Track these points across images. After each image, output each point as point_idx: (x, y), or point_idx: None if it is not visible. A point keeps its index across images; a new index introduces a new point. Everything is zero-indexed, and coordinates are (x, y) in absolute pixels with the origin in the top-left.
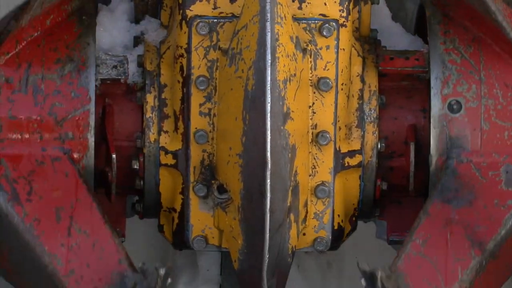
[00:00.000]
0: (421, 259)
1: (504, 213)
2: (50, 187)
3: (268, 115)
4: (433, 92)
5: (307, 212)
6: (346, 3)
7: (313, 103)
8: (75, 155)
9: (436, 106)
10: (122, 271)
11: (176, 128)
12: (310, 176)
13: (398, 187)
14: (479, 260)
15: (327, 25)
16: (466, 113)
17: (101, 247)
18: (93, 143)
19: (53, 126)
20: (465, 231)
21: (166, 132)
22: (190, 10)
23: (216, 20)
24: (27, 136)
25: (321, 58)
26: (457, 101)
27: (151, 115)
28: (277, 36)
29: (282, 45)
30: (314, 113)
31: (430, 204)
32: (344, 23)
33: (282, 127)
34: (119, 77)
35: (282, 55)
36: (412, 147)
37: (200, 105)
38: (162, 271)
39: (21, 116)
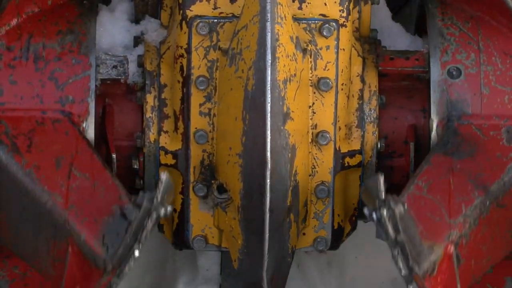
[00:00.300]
0: (425, 198)
1: (507, 163)
2: (50, 142)
3: (268, 115)
4: (432, 60)
5: (307, 211)
6: (346, 3)
7: (313, 103)
8: (76, 119)
9: (436, 72)
10: (122, 204)
11: (176, 128)
12: (310, 176)
13: (398, 187)
14: (482, 200)
15: (327, 25)
16: (466, 78)
17: (102, 187)
18: (93, 108)
19: (54, 90)
20: (468, 177)
21: (166, 132)
22: (190, 10)
23: (216, 20)
24: (27, 99)
25: (321, 58)
26: (457, 68)
27: (151, 115)
28: (277, 36)
29: (282, 45)
30: (314, 113)
31: (431, 156)
32: (344, 23)
33: (282, 127)
34: (119, 77)
35: (282, 55)
36: (412, 147)
37: (200, 105)
38: (163, 176)
39: (21, 81)
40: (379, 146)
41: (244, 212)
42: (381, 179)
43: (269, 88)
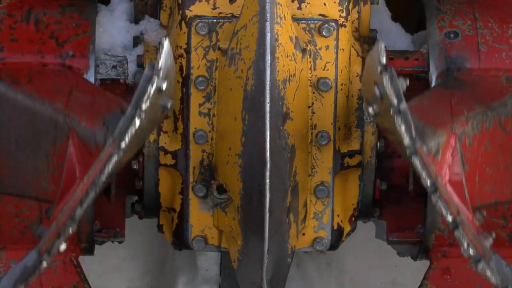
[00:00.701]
0: (427, 107)
1: (507, 93)
2: (49, 79)
3: (268, 115)
4: (429, 26)
5: (306, 212)
6: (346, 3)
7: (313, 103)
8: (76, 71)
9: (433, 34)
10: (123, 105)
11: (175, 128)
12: (309, 176)
13: (398, 187)
14: (484, 111)
15: (326, 25)
16: (464, 38)
17: (103, 99)
18: (93, 63)
19: (54, 47)
20: (469, 98)
21: (166, 132)
22: (190, 11)
23: (215, 20)
24: (28, 55)
25: (321, 58)
26: (454, 31)
27: None
28: (276, 36)
29: (282, 45)
30: (314, 113)
31: (431, 89)
32: (344, 23)
33: (281, 127)
34: (119, 77)
35: (281, 55)
36: None
37: (200, 105)
38: (164, 41)
39: (22, 39)
40: (378, 146)
41: (244, 213)
42: (382, 44)
43: (268, 88)
